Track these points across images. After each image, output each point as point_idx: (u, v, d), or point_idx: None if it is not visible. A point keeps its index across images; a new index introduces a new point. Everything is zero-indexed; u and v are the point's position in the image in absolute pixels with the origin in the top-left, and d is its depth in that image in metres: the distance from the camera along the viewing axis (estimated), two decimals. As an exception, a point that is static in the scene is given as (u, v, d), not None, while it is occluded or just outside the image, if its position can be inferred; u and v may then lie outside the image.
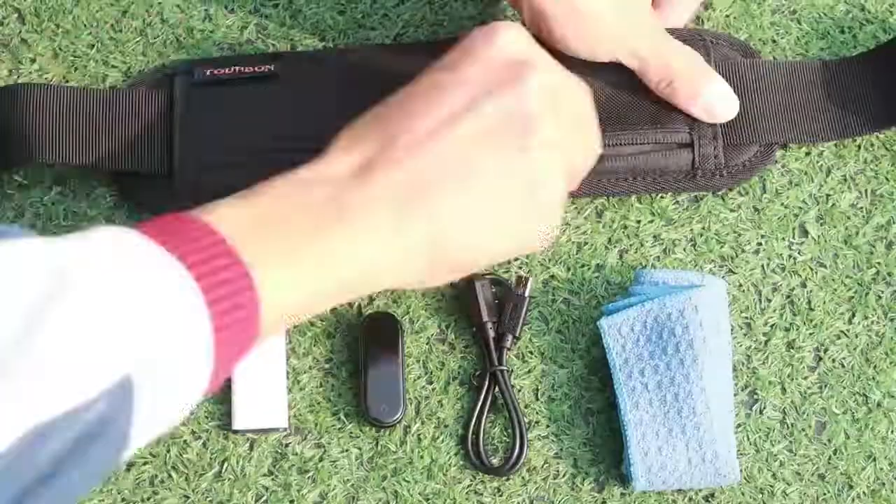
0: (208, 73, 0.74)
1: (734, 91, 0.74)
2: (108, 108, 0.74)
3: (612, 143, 0.72)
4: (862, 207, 0.75)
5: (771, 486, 0.71)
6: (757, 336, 0.73)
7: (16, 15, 0.78)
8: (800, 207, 0.75)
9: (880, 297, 0.74)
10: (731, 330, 0.73)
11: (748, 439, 0.72)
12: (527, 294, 0.72)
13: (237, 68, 0.75)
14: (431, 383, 0.72)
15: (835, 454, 0.72)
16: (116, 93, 0.74)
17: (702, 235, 0.75)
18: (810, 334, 0.73)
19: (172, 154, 0.73)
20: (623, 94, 0.74)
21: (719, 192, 0.75)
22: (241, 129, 0.73)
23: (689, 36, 0.76)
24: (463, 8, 0.78)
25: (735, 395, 0.72)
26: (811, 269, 0.74)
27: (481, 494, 0.71)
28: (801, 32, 0.78)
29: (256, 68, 0.74)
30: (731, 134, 0.74)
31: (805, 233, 0.75)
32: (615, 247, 0.74)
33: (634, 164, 0.73)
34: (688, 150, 0.73)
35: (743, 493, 0.71)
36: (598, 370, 0.72)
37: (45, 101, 0.73)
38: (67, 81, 0.76)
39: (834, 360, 0.73)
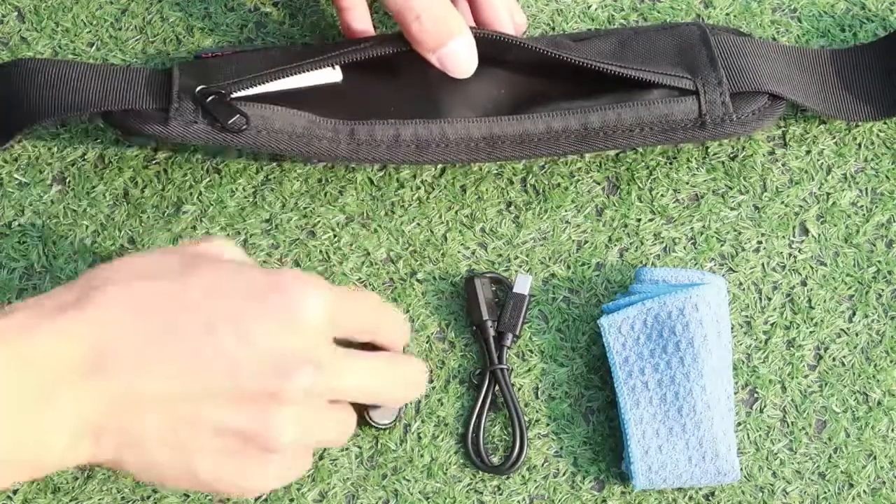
0: (210, 54, 0.74)
1: (734, 51, 0.73)
2: (106, 69, 0.73)
3: (614, 102, 0.72)
4: (862, 206, 0.75)
5: (771, 484, 0.71)
6: (757, 334, 0.73)
7: (15, 13, 0.78)
8: (800, 206, 0.75)
9: (881, 296, 0.74)
10: (732, 328, 0.73)
11: (748, 438, 0.72)
12: (527, 292, 0.72)
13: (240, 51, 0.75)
14: (431, 382, 0.72)
15: (835, 453, 0.72)
16: (114, 64, 0.74)
17: (702, 234, 0.75)
18: (811, 333, 0.73)
19: (171, 86, 0.71)
20: (622, 51, 0.74)
21: (719, 191, 0.75)
22: (241, 61, 0.73)
23: (683, 22, 0.76)
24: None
25: (735, 393, 0.72)
26: (811, 268, 0.74)
27: (481, 493, 0.71)
28: (802, 31, 0.78)
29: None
30: (735, 82, 0.73)
31: (805, 231, 0.75)
32: (615, 245, 0.74)
33: (640, 114, 0.72)
34: (692, 97, 0.73)
35: (743, 492, 0.71)
36: (599, 368, 0.72)
37: (39, 70, 0.72)
38: (67, 80, 0.76)
39: (834, 359, 0.73)
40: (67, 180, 0.75)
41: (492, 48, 0.72)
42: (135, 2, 0.78)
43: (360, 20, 0.75)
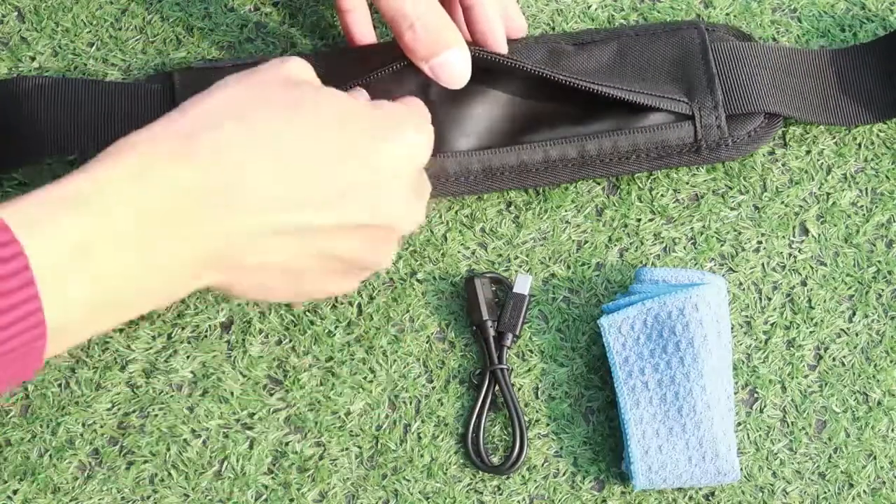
0: (209, 65, 0.74)
1: (732, 63, 0.74)
2: (108, 97, 0.73)
3: (612, 124, 0.73)
4: (862, 206, 0.75)
5: (771, 484, 0.71)
6: (757, 334, 0.73)
7: (15, 13, 0.78)
8: (800, 206, 0.75)
9: (881, 296, 0.74)
10: (732, 328, 0.73)
11: (748, 438, 0.72)
12: (527, 292, 0.72)
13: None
14: (431, 382, 0.72)
15: (835, 453, 0.72)
16: (117, 86, 0.74)
17: (702, 234, 0.75)
18: (810, 333, 0.73)
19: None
20: (621, 65, 0.74)
21: (719, 191, 0.75)
22: None
23: (683, 24, 0.76)
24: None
25: (735, 393, 0.72)
26: (811, 268, 0.74)
27: (481, 493, 0.71)
28: (802, 31, 0.78)
29: None
30: (732, 104, 0.73)
31: (805, 231, 0.75)
32: (615, 245, 0.74)
33: (636, 141, 0.73)
34: (689, 122, 0.73)
35: (743, 492, 0.71)
36: (599, 368, 0.72)
37: (42, 94, 0.72)
38: (67, 80, 0.76)
39: (834, 359, 0.73)
40: (67, 180, 0.75)
41: (487, 64, 0.72)
42: (135, 2, 0.78)
43: (361, 22, 0.75)
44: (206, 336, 0.72)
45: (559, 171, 0.73)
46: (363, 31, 0.75)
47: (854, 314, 0.74)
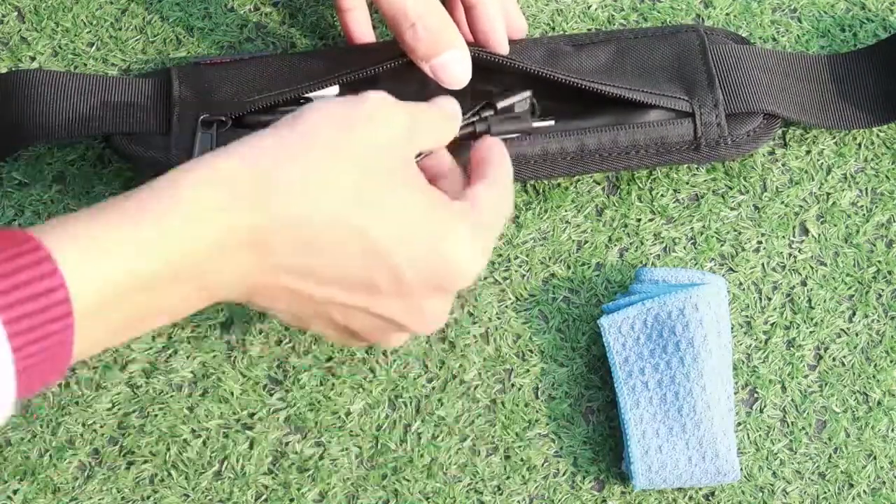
0: (208, 61, 0.74)
1: (731, 64, 0.74)
2: (106, 87, 0.73)
3: (611, 121, 0.73)
4: (862, 206, 0.75)
5: (771, 484, 0.71)
6: (757, 334, 0.73)
7: (15, 13, 0.78)
8: (800, 206, 0.75)
9: (881, 296, 0.74)
10: (732, 328, 0.73)
11: (748, 438, 0.72)
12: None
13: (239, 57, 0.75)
14: (431, 382, 0.72)
15: (835, 453, 0.72)
16: (113, 79, 0.74)
17: (702, 234, 0.75)
18: (810, 333, 0.73)
19: (171, 109, 0.72)
20: (620, 64, 0.74)
21: (719, 191, 0.75)
22: (239, 81, 0.73)
23: (682, 27, 0.76)
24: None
25: (735, 393, 0.72)
26: (811, 268, 0.74)
27: (481, 493, 0.71)
28: (802, 31, 0.78)
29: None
30: (731, 103, 0.73)
31: (805, 231, 0.75)
32: (615, 245, 0.74)
33: (636, 136, 0.73)
34: (688, 119, 0.73)
35: (743, 492, 0.71)
36: (599, 368, 0.72)
37: (39, 84, 0.72)
38: (67, 80, 0.76)
39: (834, 359, 0.73)
40: (67, 180, 0.75)
41: (487, 64, 0.72)
42: (135, 2, 0.78)
43: (361, 21, 0.75)
44: (206, 336, 0.72)
45: (557, 164, 0.73)
46: (363, 31, 0.75)
47: (854, 314, 0.74)
